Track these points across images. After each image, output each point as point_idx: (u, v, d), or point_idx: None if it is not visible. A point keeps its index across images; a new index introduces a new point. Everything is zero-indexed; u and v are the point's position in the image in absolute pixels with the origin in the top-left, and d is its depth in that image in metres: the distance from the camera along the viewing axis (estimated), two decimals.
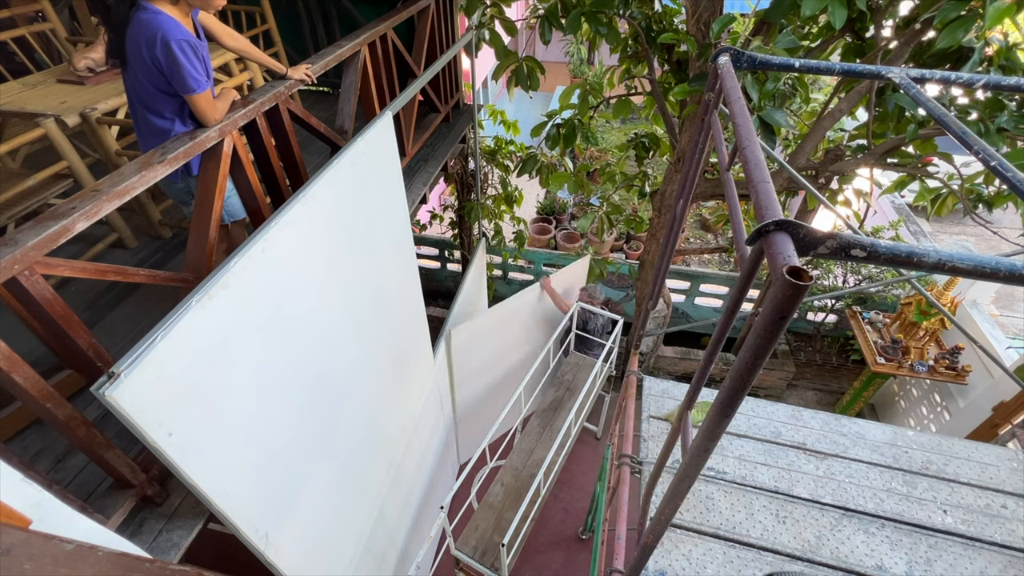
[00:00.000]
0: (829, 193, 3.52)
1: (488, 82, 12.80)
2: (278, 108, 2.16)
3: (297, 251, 1.90)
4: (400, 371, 3.17)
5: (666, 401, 2.57)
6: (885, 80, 1.37)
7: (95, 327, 2.40)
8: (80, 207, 1.37)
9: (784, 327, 0.71)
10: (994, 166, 1.02)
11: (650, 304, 2.65)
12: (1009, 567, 1.89)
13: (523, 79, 3.45)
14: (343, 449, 2.50)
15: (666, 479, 2.07)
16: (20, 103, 2.60)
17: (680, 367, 6.13)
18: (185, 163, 1.77)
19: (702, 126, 1.72)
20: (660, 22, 3.36)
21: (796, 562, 1.90)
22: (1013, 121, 2.42)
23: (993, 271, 0.69)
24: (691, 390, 1.20)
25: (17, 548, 0.47)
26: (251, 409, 1.75)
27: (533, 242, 8.37)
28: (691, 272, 6.28)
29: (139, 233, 2.98)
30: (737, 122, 1.10)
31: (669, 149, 3.92)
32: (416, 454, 3.68)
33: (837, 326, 6.41)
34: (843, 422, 2.44)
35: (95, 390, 1.18)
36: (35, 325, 1.75)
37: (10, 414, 1.88)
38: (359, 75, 2.67)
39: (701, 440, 0.94)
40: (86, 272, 1.50)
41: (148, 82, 1.79)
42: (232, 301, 1.57)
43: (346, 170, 2.15)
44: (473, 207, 5.03)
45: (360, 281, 2.48)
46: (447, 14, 3.92)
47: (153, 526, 1.79)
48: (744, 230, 0.97)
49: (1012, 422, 4.25)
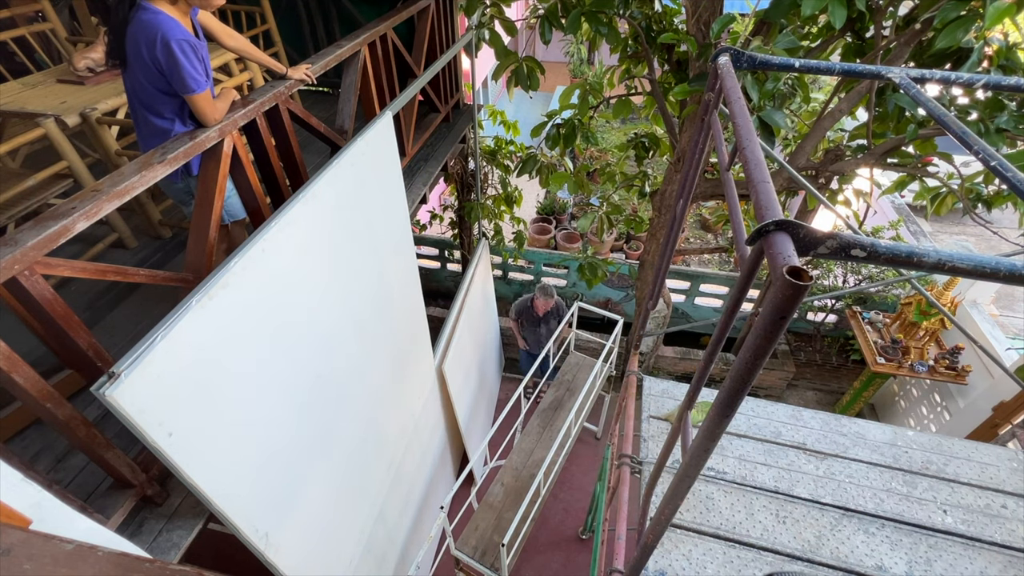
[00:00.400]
0: (829, 193, 3.52)
1: (488, 82, 12.80)
2: (278, 108, 2.16)
3: (297, 251, 1.90)
4: (400, 371, 3.17)
5: (666, 401, 2.56)
6: (885, 80, 1.37)
7: (95, 327, 2.40)
8: (80, 207, 1.37)
9: (784, 327, 0.71)
10: (994, 166, 1.01)
11: (650, 304, 2.65)
12: (1009, 567, 1.89)
13: (523, 79, 3.45)
14: (343, 449, 2.50)
15: (666, 479, 2.07)
16: (20, 103, 2.60)
17: (680, 367, 6.13)
18: (185, 163, 1.77)
19: (702, 126, 1.72)
20: (660, 22, 3.36)
21: (796, 562, 1.89)
22: (1013, 121, 2.42)
23: (993, 271, 0.69)
24: (691, 390, 1.20)
25: (17, 548, 0.47)
26: (251, 409, 1.75)
27: (533, 242, 8.37)
28: (691, 272, 6.28)
29: (139, 233, 2.98)
30: (737, 122, 1.10)
31: (669, 149, 3.92)
32: (416, 454, 3.68)
33: (837, 326, 6.40)
34: (843, 422, 2.44)
35: (95, 390, 1.18)
36: (35, 325, 1.75)
37: (10, 414, 1.88)
38: (359, 75, 2.67)
39: (701, 440, 0.94)
40: (86, 272, 1.50)
41: (148, 82, 1.79)
42: (232, 301, 1.57)
43: (346, 170, 2.15)
44: (473, 207, 5.03)
45: (360, 281, 2.48)
46: (447, 14, 3.92)
47: (153, 526, 1.79)
48: (744, 230, 0.97)
49: (1012, 422, 4.24)
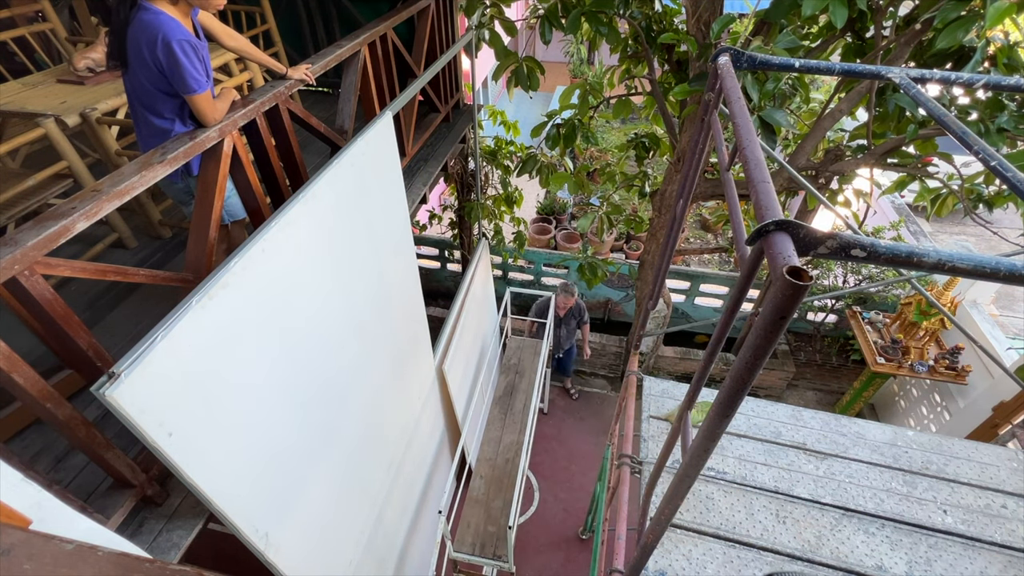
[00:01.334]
0: (829, 193, 3.52)
1: (488, 82, 12.80)
2: (278, 108, 2.16)
3: (297, 251, 1.90)
4: (400, 371, 3.17)
5: (666, 401, 2.56)
6: (885, 80, 1.37)
7: (95, 327, 2.40)
8: (80, 207, 1.37)
9: (784, 327, 0.71)
10: (994, 166, 1.01)
11: (650, 304, 2.65)
12: (1009, 567, 1.89)
13: (523, 79, 3.45)
14: (343, 449, 2.50)
15: (666, 479, 2.07)
16: (20, 103, 2.60)
17: (680, 367, 6.13)
18: (185, 163, 1.77)
19: (702, 126, 1.72)
20: (660, 22, 3.37)
21: (796, 562, 1.90)
22: (1013, 121, 2.42)
23: (993, 271, 0.69)
24: (691, 390, 1.20)
25: (17, 548, 0.47)
26: (251, 409, 1.75)
27: (533, 242, 8.37)
28: (691, 272, 6.28)
29: (139, 233, 2.98)
30: (737, 122, 1.10)
31: (669, 149, 3.93)
32: (416, 454, 3.68)
33: (837, 326, 6.40)
34: (843, 422, 2.44)
35: (95, 390, 1.18)
36: (35, 325, 1.75)
37: (10, 414, 1.88)
38: (359, 75, 2.67)
39: (701, 440, 0.94)
40: (86, 272, 1.50)
41: (148, 82, 1.79)
42: (232, 301, 1.57)
43: (346, 170, 2.15)
44: (473, 207, 5.03)
45: (360, 281, 2.48)
46: (447, 14, 3.92)
47: (153, 526, 1.79)
48: (744, 230, 0.97)
49: (1012, 422, 4.24)
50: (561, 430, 5.76)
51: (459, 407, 4.42)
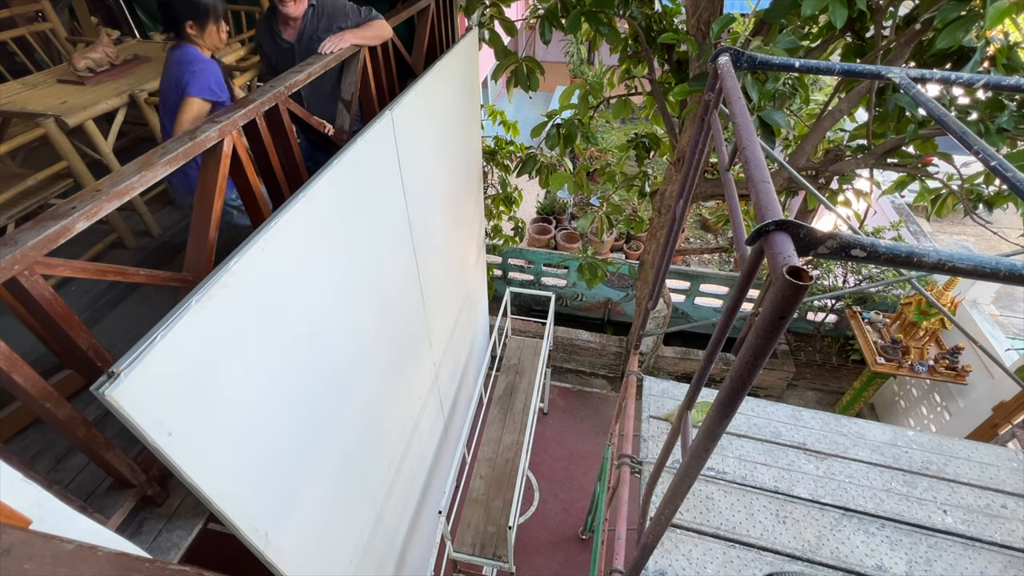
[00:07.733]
0: (829, 193, 3.52)
1: (488, 82, 12.80)
2: (278, 108, 2.16)
3: (297, 251, 1.90)
4: (400, 370, 3.17)
5: (666, 401, 2.56)
6: (885, 80, 1.37)
7: (95, 327, 2.40)
8: (80, 207, 1.37)
9: (784, 327, 0.71)
10: (994, 166, 1.01)
11: (650, 304, 2.65)
12: (1009, 567, 1.89)
13: (523, 79, 3.46)
14: (344, 448, 2.50)
15: (666, 479, 2.07)
16: (20, 103, 2.60)
17: (680, 367, 6.13)
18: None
19: (702, 126, 1.72)
20: (660, 22, 3.37)
21: (796, 562, 1.89)
22: (1013, 121, 2.42)
23: (993, 271, 0.69)
24: (691, 390, 1.20)
25: (17, 548, 0.47)
26: (251, 409, 1.75)
27: (533, 242, 8.37)
28: (691, 272, 6.28)
29: (139, 233, 2.98)
30: (737, 122, 1.10)
31: (669, 149, 3.93)
32: (417, 454, 3.69)
33: (837, 326, 6.40)
34: (843, 422, 2.44)
35: (95, 390, 1.18)
36: (35, 325, 1.75)
37: (10, 414, 1.88)
38: (359, 75, 2.67)
39: (701, 440, 0.94)
40: (86, 272, 1.49)
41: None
42: (232, 301, 1.57)
43: (346, 170, 2.15)
44: None
45: (360, 280, 2.48)
46: (447, 14, 3.91)
47: (153, 526, 1.79)
48: (744, 230, 0.97)
49: (1012, 422, 4.24)
50: (561, 430, 5.76)
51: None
